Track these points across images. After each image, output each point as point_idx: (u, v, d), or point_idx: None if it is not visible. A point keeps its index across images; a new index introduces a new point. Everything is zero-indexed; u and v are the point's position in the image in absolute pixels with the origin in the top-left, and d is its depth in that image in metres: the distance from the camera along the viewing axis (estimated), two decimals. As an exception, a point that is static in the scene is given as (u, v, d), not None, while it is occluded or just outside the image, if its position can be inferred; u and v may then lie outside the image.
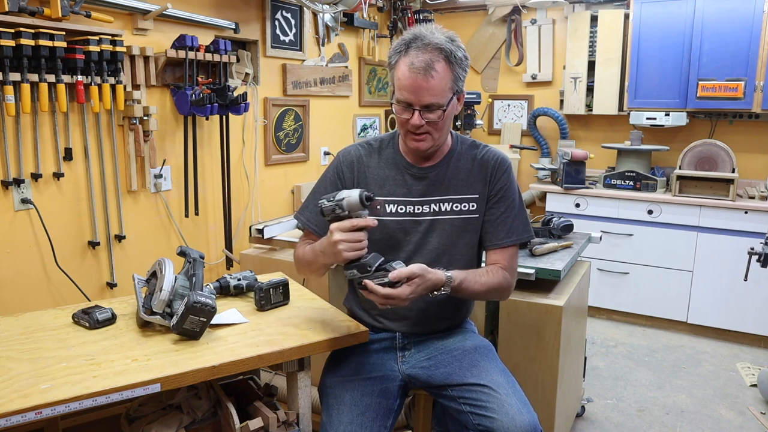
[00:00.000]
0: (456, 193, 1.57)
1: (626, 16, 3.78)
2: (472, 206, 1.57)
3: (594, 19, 3.92)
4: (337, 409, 1.48)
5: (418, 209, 1.57)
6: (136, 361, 1.31)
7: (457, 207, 1.57)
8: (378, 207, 1.57)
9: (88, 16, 2.22)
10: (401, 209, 1.57)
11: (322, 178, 1.65)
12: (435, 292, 1.40)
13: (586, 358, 2.62)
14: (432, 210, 1.57)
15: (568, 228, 2.39)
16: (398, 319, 1.60)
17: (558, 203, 3.86)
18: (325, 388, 1.57)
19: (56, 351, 1.35)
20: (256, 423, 1.46)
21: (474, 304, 1.77)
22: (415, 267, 1.34)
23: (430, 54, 1.40)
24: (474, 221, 1.57)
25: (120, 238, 2.54)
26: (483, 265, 1.65)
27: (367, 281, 1.33)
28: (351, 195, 1.32)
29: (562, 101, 4.17)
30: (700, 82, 3.53)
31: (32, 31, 2.05)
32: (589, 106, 4.02)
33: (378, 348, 1.61)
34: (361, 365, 1.57)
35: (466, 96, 1.60)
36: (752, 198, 3.46)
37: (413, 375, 1.56)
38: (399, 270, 1.33)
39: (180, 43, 2.58)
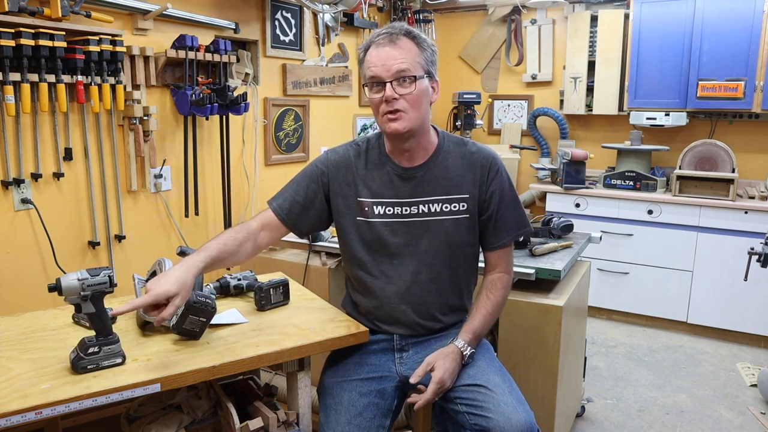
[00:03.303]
0: (445, 193, 1.55)
1: (626, 16, 3.78)
2: (463, 206, 1.55)
3: (594, 19, 3.91)
4: (334, 409, 1.49)
5: (407, 210, 1.55)
6: (136, 361, 1.31)
7: (446, 207, 1.55)
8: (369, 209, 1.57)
9: (88, 16, 2.23)
10: (389, 211, 1.55)
11: (304, 171, 1.64)
12: (468, 360, 1.51)
13: (586, 358, 2.62)
14: (421, 211, 1.55)
15: (568, 228, 2.39)
16: (394, 323, 1.60)
17: (558, 203, 3.86)
18: (323, 389, 1.57)
19: (56, 351, 1.35)
20: (256, 423, 1.46)
21: (471, 304, 1.77)
22: (429, 359, 1.47)
23: (396, 32, 1.44)
24: (465, 221, 1.56)
25: (120, 238, 2.54)
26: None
27: (409, 401, 1.49)
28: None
29: (562, 101, 4.17)
30: (700, 82, 3.52)
31: (32, 31, 2.05)
32: (589, 106, 4.02)
33: (376, 349, 1.60)
34: (359, 366, 1.57)
35: (465, 96, 1.60)
36: (752, 198, 3.46)
37: (410, 376, 1.56)
38: (416, 373, 1.46)
39: (180, 43, 2.58)
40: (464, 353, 1.49)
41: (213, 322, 1.46)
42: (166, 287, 1.25)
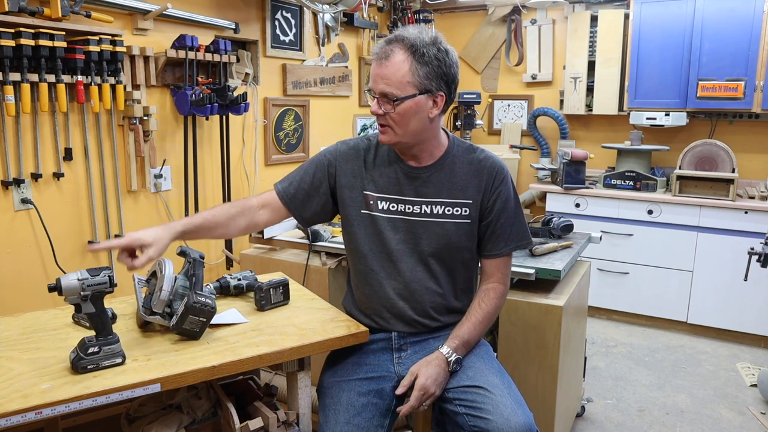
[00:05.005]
0: (450, 196, 1.55)
1: (626, 16, 3.78)
2: (465, 211, 1.56)
3: (594, 19, 3.91)
4: (333, 409, 1.49)
5: (410, 209, 1.56)
6: (136, 361, 1.31)
7: (449, 211, 1.56)
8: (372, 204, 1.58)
9: (88, 16, 2.23)
10: (393, 207, 1.57)
11: (313, 159, 1.66)
12: (455, 367, 1.49)
13: (586, 358, 2.62)
14: (423, 211, 1.56)
15: (568, 228, 2.39)
16: (393, 319, 1.60)
17: (558, 203, 3.86)
18: (322, 389, 1.57)
19: (56, 351, 1.35)
20: (256, 423, 1.46)
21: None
22: (413, 368, 1.49)
23: (393, 45, 1.42)
24: (466, 226, 1.56)
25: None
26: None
27: (398, 410, 1.51)
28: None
29: (562, 101, 4.17)
30: (700, 82, 3.52)
31: (32, 31, 2.05)
32: (589, 106, 4.02)
33: (374, 349, 1.61)
34: (357, 366, 1.57)
35: (465, 96, 1.60)
36: (752, 198, 3.46)
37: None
38: (402, 384, 1.49)
39: (180, 43, 2.58)
40: (449, 359, 1.49)
41: (213, 322, 1.46)
42: (140, 235, 1.38)
